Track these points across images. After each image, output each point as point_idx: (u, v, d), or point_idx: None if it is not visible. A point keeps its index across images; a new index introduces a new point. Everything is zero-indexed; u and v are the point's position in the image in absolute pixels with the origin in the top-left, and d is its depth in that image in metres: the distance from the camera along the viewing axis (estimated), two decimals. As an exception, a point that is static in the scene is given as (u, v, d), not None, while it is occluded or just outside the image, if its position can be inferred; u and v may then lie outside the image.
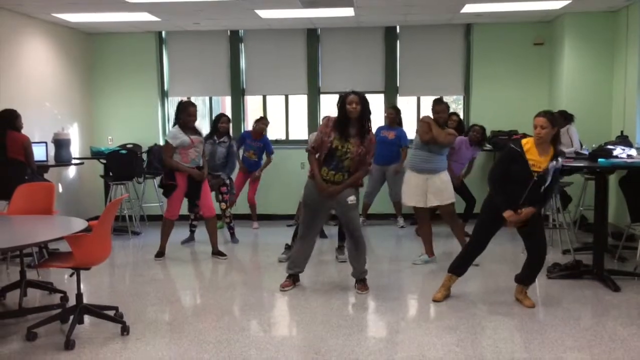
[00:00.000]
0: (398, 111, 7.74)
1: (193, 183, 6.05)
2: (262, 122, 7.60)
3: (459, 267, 4.63)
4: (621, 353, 3.54)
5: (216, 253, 6.25)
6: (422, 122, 5.63)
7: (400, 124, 7.69)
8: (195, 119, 6.04)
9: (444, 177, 5.65)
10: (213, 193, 6.63)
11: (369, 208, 7.92)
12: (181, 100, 6.50)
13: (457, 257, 4.67)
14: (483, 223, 4.54)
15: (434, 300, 4.56)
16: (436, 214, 6.06)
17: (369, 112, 4.76)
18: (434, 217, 5.99)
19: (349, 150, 4.66)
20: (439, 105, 5.63)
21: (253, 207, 7.90)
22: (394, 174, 7.59)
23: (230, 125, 7.02)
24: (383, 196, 7.90)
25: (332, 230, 7.23)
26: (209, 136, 6.70)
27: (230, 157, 6.83)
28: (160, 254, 6.24)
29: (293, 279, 5.07)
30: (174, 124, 6.04)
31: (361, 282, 4.93)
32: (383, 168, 7.62)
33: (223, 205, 6.92)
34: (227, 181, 6.88)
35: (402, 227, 7.82)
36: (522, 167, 4.22)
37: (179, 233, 6.80)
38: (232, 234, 7.12)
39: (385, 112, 7.80)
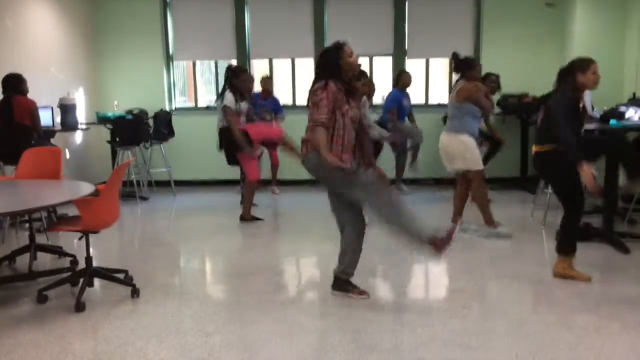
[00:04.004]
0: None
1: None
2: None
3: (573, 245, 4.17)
4: (629, 314, 3.53)
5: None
6: (482, 91, 5.35)
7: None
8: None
9: None
10: None
11: None
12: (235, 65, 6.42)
13: (564, 235, 4.16)
14: (575, 181, 3.98)
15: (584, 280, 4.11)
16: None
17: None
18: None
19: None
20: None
21: (275, 168, 7.84)
22: None
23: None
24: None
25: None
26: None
27: None
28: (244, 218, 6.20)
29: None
30: (225, 90, 5.95)
31: (337, 283, 3.88)
32: None
33: None
34: None
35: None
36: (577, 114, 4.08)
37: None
38: None
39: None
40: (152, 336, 3.30)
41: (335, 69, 3.65)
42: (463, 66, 5.38)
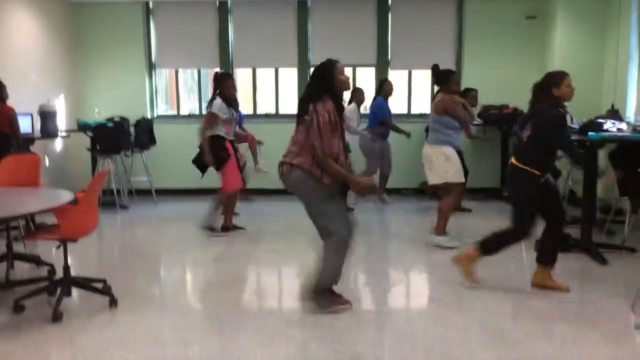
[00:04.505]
0: None
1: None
2: None
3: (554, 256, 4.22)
4: (607, 325, 3.57)
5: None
6: (459, 103, 5.42)
7: None
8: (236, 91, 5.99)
9: None
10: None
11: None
12: (220, 72, 6.27)
13: (546, 246, 4.22)
14: (554, 197, 4.17)
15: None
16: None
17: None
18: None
19: None
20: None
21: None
22: None
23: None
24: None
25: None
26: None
27: None
28: (226, 228, 6.11)
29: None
30: (215, 98, 5.79)
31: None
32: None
33: None
34: None
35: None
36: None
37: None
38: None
39: None
40: (130, 347, 3.27)
41: (329, 86, 3.67)
42: (441, 79, 5.46)
